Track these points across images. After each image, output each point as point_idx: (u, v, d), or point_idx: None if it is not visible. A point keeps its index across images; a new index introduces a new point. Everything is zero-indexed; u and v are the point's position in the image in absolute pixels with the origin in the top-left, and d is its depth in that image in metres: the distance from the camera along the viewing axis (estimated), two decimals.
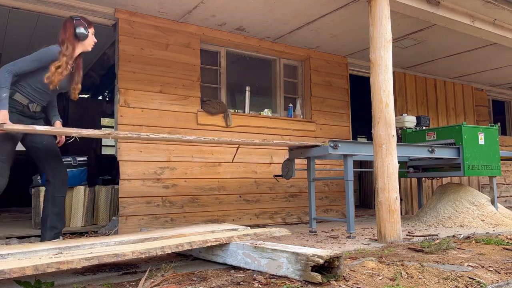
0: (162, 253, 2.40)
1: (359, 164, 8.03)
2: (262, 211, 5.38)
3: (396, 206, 3.63)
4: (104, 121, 10.22)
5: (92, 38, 3.43)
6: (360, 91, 6.49)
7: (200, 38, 5.16)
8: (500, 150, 5.43)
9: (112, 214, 4.84)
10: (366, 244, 3.56)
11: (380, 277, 2.30)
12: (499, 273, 2.52)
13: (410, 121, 5.97)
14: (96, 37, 3.48)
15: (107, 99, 9.69)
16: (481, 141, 5.14)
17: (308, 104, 6.01)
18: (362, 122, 7.85)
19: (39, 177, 4.64)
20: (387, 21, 3.78)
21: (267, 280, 2.17)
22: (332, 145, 3.92)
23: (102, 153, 9.72)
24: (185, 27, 5.03)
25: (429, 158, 5.22)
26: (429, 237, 3.94)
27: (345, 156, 4.02)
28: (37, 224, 4.33)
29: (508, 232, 4.18)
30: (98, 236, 3.81)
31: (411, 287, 2.16)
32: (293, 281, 2.13)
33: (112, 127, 7.35)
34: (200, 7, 4.61)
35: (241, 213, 5.19)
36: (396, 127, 5.66)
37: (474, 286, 2.25)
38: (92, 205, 4.80)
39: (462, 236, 3.89)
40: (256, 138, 5.08)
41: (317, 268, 2.13)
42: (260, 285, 2.10)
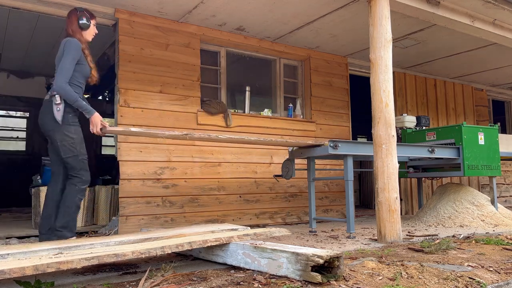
0: (162, 253, 2.39)
1: (359, 164, 8.03)
2: (262, 211, 5.38)
3: (396, 206, 3.63)
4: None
5: (94, 29, 3.53)
6: (360, 91, 6.49)
7: (200, 38, 5.17)
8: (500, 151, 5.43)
9: (112, 214, 4.84)
10: (366, 244, 3.56)
11: (380, 277, 2.30)
12: (499, 273, 2.52)
13: (410, 121, 5.96)
14: (96, 37, 3.52)
15: (107, 99, 9.68)
16: (481, 141, 5.14)
17: (308, 104, 6.01)
18: (362, 122, 7.84)
19: (39, 177, 4.64)
20: (387, 21, 3.79)
21: (267, 280, 2.17)
22: (332, 145, 3.92)
23: (102, 153, 9.71)
24: (185, 27, 5.03)
25: (429, 158, 5.22)
26: (429, 237, 3.94)
27: (345, 156, 4.02)
28: (37, 224, 4.33)
29: (508, 232, 4.18)
30: (98, 236, 3.81)
31: (411, 287, 2.16)
32: (293, 281, 2.13)
33: None
34: (200, 7, 4.61)
35: (241, 213, 5.19)
36: (396, 127, 5.65)
37: (474, 286, 2.25)
38: (92, 205, 4.81)
39: (462, 236, 3.89)
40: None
41: (317, 268, 2.13)
42: (260, 285, 2.10)
